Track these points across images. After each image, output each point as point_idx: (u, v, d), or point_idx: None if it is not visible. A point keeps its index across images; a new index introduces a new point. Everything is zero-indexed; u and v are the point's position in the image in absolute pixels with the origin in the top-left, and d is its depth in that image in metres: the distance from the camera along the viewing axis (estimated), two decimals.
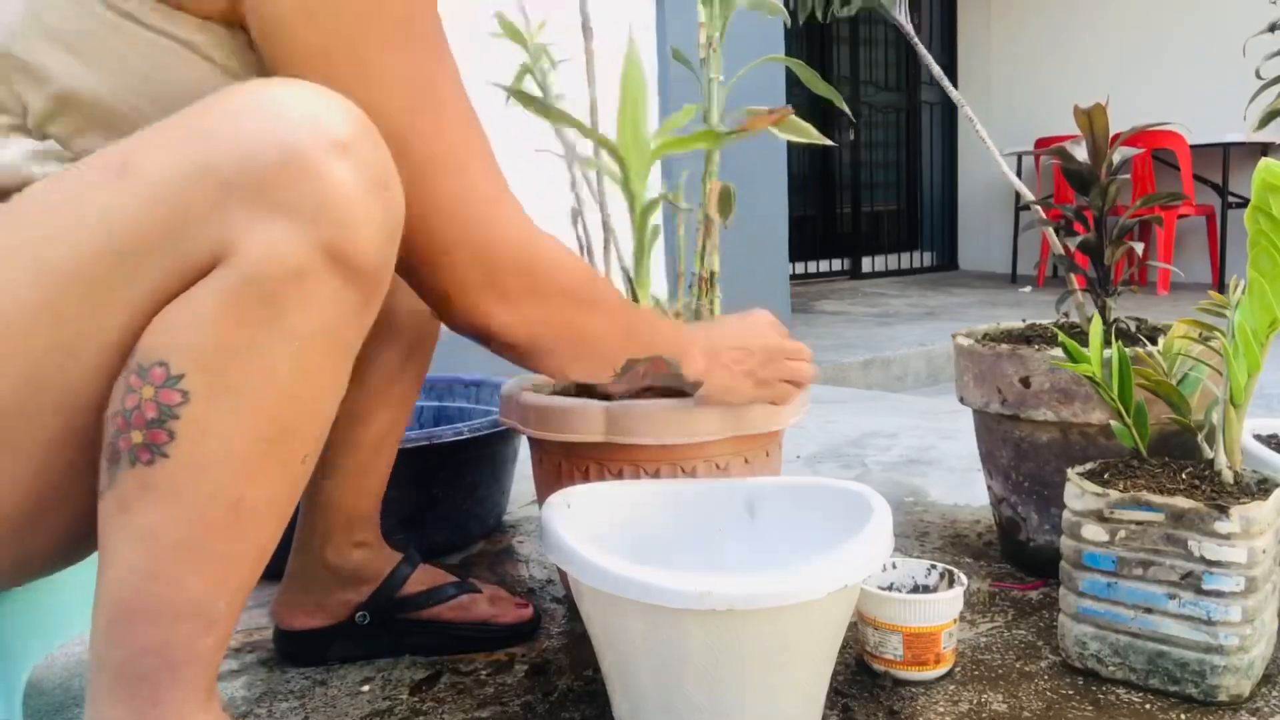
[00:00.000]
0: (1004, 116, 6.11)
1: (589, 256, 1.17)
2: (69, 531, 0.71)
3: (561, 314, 0.84)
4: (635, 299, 1.13)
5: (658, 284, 1.19)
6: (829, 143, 1.16)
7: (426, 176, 0.74)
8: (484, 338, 0.83)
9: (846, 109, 1.17)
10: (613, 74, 1.08)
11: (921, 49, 1.35)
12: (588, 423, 1.04)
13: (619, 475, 1.04)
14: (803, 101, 1.18)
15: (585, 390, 1.11)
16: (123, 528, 0.64)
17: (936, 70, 1.37)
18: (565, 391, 1.13)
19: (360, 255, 0.64)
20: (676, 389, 1.01)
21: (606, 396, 1.08)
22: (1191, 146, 4.82)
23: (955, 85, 1.41)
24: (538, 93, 1.18)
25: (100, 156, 0.64)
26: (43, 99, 0.70)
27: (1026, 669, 1.02)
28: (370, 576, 1.08)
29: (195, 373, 0.62)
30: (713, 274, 1.18)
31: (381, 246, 0.65)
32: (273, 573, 1.08)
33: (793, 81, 1.15)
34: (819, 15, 1.34)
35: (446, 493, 1.40)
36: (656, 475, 1.04)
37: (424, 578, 1.11)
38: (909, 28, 1.35)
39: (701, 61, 1.13)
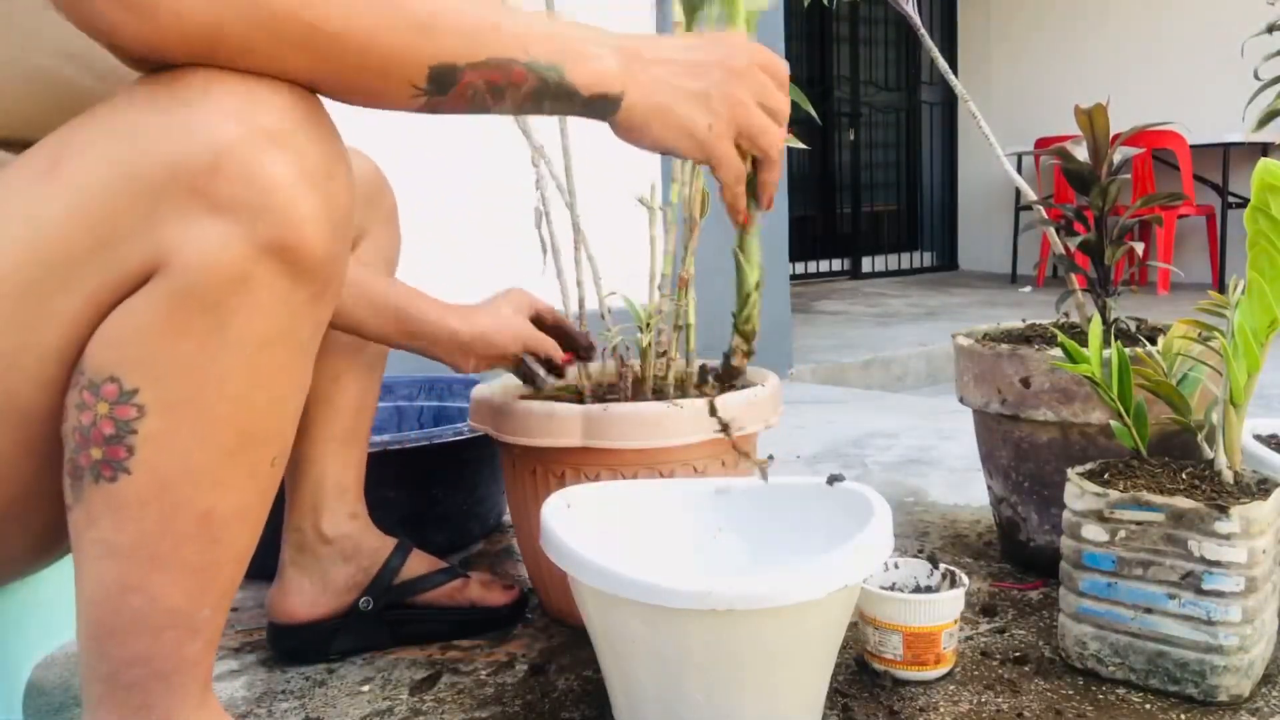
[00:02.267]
0: (1004, 116, 6.11)
1: (555, 258, 1.17)
2: (36, 542, 0.70)
3: None
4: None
5: (633, 286, 1.18)
6: (800, 145, 1.16)
7: None
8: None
9: (814, 113, 1.16)
10: None
11: (926, 39, 1.35)
12: (565, 427, 1.03)
13: (596, 480, 1.03)
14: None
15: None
16: (93, 544, 0.62)
17: (941, 62, 1.36)
18: (538, 396, 1.12)
19: (306, 252, 0.61)
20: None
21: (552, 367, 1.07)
22: (1191, 146, 4.81)
23: None
24: None
25: (33, 154, 0.61)
26: None
27: (1026, 669, 1.02)
28: (366, 550, 1.08)
29: (148, 387, 0.59)
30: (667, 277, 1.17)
31: (328, 239, 0.62)
32: (267, 572, 1.09)
33: (795, 83, 1.14)
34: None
35: (446, 493, 1.40)
36: (634, 479, 1.04)
37: (418, 564, 1.12)
38: (916, 19, 1.35)
39: None
